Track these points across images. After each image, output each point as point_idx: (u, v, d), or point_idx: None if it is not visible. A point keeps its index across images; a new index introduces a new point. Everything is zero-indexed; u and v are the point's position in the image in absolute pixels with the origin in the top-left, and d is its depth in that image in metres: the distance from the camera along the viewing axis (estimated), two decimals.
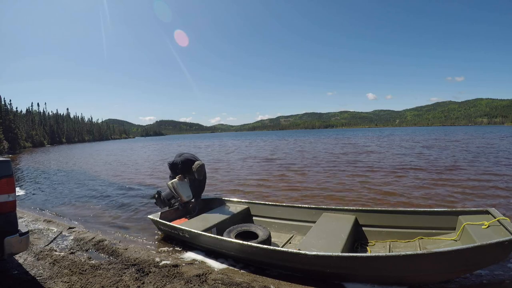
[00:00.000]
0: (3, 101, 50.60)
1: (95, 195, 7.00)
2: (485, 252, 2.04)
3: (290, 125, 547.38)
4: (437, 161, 10.50)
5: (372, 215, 3.30)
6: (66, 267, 2.86)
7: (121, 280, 2.58)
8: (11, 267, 2.83)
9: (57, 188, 8.30)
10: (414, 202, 5.21)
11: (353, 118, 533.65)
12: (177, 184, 4.03)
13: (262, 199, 5.34)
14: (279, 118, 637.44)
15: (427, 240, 2.94)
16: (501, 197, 5.26)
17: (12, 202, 2.28)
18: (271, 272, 2.77)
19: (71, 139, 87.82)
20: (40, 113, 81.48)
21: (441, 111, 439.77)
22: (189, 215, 4.24)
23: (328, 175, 8.34)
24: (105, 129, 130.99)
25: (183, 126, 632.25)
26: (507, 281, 2.52)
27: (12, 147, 43.62)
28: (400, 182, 6.90)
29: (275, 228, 3.83)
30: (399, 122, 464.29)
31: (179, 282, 2.54)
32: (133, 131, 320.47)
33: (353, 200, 5.49)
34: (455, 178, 7.05)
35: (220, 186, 7.40)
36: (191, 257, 3.20)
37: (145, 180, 9.07)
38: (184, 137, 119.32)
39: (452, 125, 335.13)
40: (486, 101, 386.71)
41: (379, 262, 2.24)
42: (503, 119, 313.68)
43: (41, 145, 62.08)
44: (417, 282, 2.38)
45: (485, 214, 2.69)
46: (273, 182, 7.62)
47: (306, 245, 2.65)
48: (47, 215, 5.34)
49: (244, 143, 32.24)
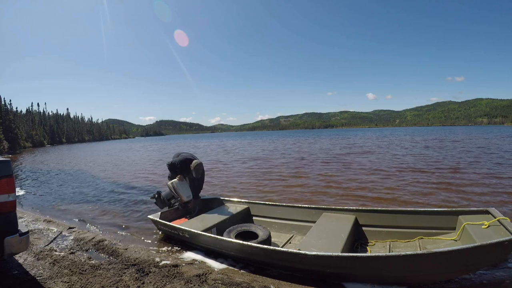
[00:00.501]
0: (3, 101, 50.63)
1: (95, 195, 7.00)
2: (485, 252, 2.04)
3: (290, 125, 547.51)
4: (437, 161, 10.50)
5: (372, 215, 3.30)
6: (66, 267, 2.86)
7: (121, 280, 2.58)
8: (11, 267, 2.83)
9: (57, 188, 8.30)
10: (413, 202, 5.21)
11: (353, 118, 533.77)
12: (177, 184, 4.03)
13: (261, 199, 5.34)
14: (279, 118, 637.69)
15: (427, 240, 2.94)
16: (501, 197, 5.27)
17: (12, 202, 2.28)
18: (271, 272, 2.77)
19: (71, 139, 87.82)
20: (40, 113, 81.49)
21: (441, 111, 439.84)
22: (189, 215, 4.23)
23: (327, 178, 8.35)
24: (105, 129, 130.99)
25: (183, 126, 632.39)
26: (507, 281, 2.52)
27: (12, 147, 43.62)
28: (400, 183, 6.90)
29: (275, 228, 3.83)
30: (399, 122, 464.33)
31: (179, 282, 2.54)
32: (133, 131, 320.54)
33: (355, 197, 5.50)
34: (457, 178, 7.06)
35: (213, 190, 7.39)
36: (191, 257, 3.20)
37: (145, 180, 9.07)
38: (184, 137, 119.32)
39: (452, 125, 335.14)
40: (486, 101, 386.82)
41: (379, 262, 2.24)
42: (503, 119, 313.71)
43: (41, 145, 62.08)
44: (417, 282, 2.38)
45: (485, 214, 2.69)
46: (268, 187, 7.59)
47: (306, 245, 2.65)
48: (47, 215, 5.33)
49: (242, 143, 32.24)
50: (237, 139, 48.68)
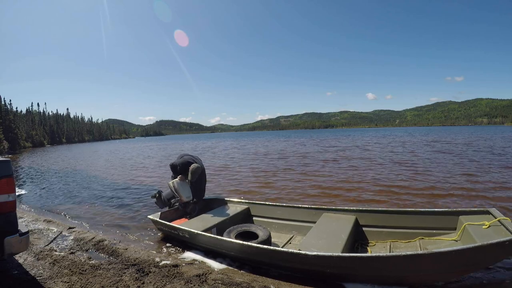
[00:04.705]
0: (3, 101, 50.59)
1: (95, 195, 6.99)
2: (486, 252, 2.04)
3: (290, 125, 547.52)
4: (439, 162, 10.50)
5: (373, 215, 3.30)
6: (66, 267, 2.86)
7: (121, 280, 2.58)
8: (11, 267, 2.83)
9: (57, 188, 8.29)
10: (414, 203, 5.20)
11: (353, 118, 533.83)
12: (177, 184, 4.03)
13: (261, 199, 5.34)
14: (279, 118, 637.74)
15: (427, 240, 2.93)
16: (501, 197, 5.26)
17: (12, 202, 2.28)
18: (271, 272, 2.77)
19: (71, 139, 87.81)
20: (40, 113, 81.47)
21: (441, 111, 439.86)
22: (189, 215, 4.23)
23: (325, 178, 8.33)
24: (105, 129, 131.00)
25: (183, 126, 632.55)
26: (507, 281, 2.52)
27: (12, 147, 43.63)
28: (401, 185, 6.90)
29: (275, 228, 3.83)
30: (399, 122, 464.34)
31: (179, 282, 2.54)
32: (133, 131, 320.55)
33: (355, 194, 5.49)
34: (459, 176, 7.06)
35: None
36: (191, 257, 3.20)
37: (145, 180, 9.07)
38: (184, 137, 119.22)
39: (452, 125, 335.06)
40: (486, 101, 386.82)
41: (380, 262, 2.23)
42: (503, 119, 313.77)
43: (41, 145, 62.06)
44: (417, 282, 2.38)
45: (485, 214, 2.69)
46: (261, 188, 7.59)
47: (306, 245, 2.65)
48: (47, 215, 5.33)
49: (240, 144, 32.22)
50: (236, 139, 48.61)
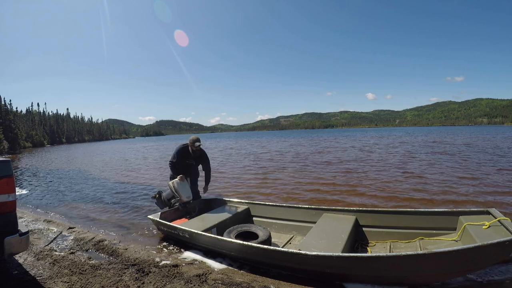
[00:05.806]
0: (3, 101, 50.55)
1: (95, 195, 6.99)
2: (486, 253, 2.04)
3: (290, 125, 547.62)
4: (439, 162, 10.50)
5: (373, 215, 3.30)
6: (66, 267, 2.86)
7: (121, 280, 2.58)
8: (11, 267, 2.83)
9: (57, 188, 8.29)
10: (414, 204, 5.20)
11: (353, 118, 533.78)
12: (177, 184, 4.04)
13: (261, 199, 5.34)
14: (279, 118, 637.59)
15: (427, 240, 2.93)
16: (501, 197, 5.26)
17: (12, 202, 2.28)
18: (271, 272, 2.77)
19: (71, 139, 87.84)
20: (40, 113, 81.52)
21: (441, 111, 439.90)
22: (189, 215, 4.24)
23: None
24: (105, 129, 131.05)
25: (183, 126, 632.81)
26: (507, 281, 2.51)
27: (12, 147, 43.61)
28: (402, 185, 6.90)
29: (275, 228, 3.83)
30: (399, 122, 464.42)
31: (179, 282, 2.54)
32: (133, 131, 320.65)
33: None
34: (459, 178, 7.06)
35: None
36: (191, 257, 3.20)
37: (145, 180, 9.07)
38: (184, 137, 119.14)
39: (452, 125, 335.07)
40: (486, 101, 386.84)
41: (380, 262, 2.23)
42: (503, 119, 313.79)
43: (41, 145, 62.09)
44: (417, 282, 2.38)
45: (486, 215, 2.69)
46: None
47: (306, 245, 2.65)
48: (47, 215, 5.33)
49: (240, 144, 32.22)
50: (235, 140, 48.61)
